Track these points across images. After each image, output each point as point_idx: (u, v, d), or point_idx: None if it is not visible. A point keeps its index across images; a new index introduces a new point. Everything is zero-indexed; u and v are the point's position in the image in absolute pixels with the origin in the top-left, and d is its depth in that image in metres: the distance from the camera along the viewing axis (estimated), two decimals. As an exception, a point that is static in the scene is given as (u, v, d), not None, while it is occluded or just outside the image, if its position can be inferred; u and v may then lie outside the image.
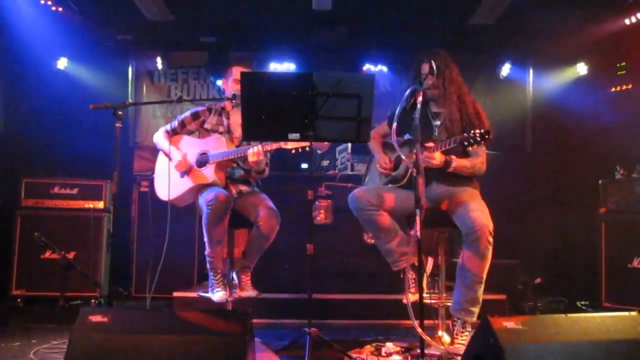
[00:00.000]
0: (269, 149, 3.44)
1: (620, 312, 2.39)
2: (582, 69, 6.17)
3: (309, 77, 2.82)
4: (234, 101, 3.65)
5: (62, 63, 6.01)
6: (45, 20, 5.41)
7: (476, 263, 3.06)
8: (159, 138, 3.78)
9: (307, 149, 2.96)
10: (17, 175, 5.01)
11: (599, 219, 4.72)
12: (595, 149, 5.66)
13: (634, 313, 2.36)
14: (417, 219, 2.79)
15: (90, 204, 4.96)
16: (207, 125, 3.77)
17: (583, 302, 5.17)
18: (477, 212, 3.09)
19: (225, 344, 2.22)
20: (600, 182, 4.80)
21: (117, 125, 3.20)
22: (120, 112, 3.16)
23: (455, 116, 3.32)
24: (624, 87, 5.71)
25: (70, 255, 4.71)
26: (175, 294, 4.43)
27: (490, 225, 3.05)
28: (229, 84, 3.75)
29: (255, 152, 3.42)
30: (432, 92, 3.34)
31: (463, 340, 3.08)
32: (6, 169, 5.15)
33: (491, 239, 3.04)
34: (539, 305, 5.09)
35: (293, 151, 3.20)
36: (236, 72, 3.64)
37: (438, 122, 3.40)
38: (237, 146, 3.63)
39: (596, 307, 4.75)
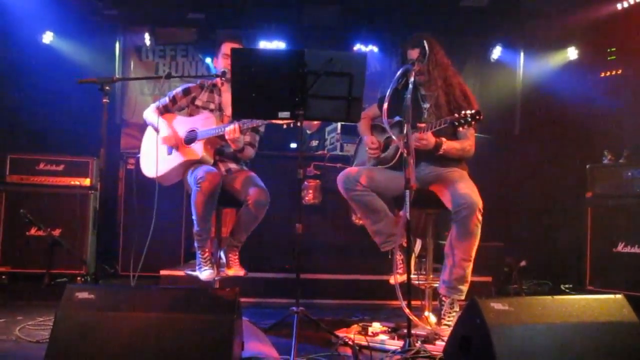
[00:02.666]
0: (247, 127, 3.41)
1: (605, 295, 2.41)
2: (572, 53, 6.16)
3: (300, 55, 2.78)
4: (222, 78, 3.62)
5: (48, 37, 5.90)
6: (31, -8, 5.31)
7: (465, 241, 3.08)
8: (149, 114, 3.73)
9: (298, 124, 2.93)
10: (2, 150, 4.92)
11: (586, 204, 4.74)
12: (584, 133, 5.68)
13: (618, 296, 2.38)
14: (407, 199, 2.80)
15: (76, 181, 4.90)
16: (197, 102, 3.74)
17: (567, 286, 5.22)
18: (467, 190, 3.11)
19: (212, 322, 2.21)
20: (587, 166, 4.82)
21: (104, 100, 3.15)
22: (107, 87, 3.12)
23: (441, 100, 3.31)
24: (614, 72, 5.71)
25: (56, 233, 4.66)
26: (162, 272, 4.40)
27: (479, 203, 3.06)
28: (219, 60, 3.71)
29: (231, 129, 3.40)
30: (419, 77, 3.32)
31: (450, 320, 3.10)
32: (-9, 144, 5.08)
33: (480, 217, 3.06)
34: (523, 287, 5.13)
35: (284, 126, 3.18)
36: (225, 47, 3.61)
37: (427, 105, 3.40)
38: (226, 124, 3.60)
39: (580, 290, 4.79)
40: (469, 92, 3.39)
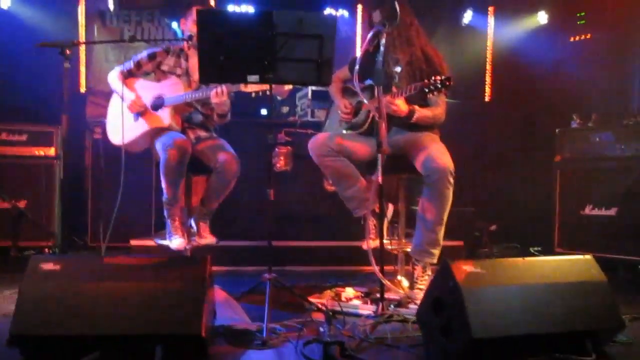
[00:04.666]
0: (233, 89, 3.34)
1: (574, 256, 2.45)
2: (542, 17, 6.16)
3: (268, 17, 2.69)
4: (190, 42, 3.52)
5: (6, 2, 5.65)
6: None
7: (437, 204, 3.08)
8: (113, 78, 3.62)
9: (267, 92, 2.87)
10: (-39, 121, 4.75)
11: (554, 167, 4.79)
12: (553, 98, 5.71)
13: (587, 256, 2.41)
14: (379, 164, 2.78)
15: (40, 151, 4.76)
16: (164, 67, 3.63)
17: (536, 248, 5.31)
18: (438, 153, 3.10)
19: (183, 290, 2.17)
20: (556, 130, 4.85)
21: (65, 65, 3.03)
22: (68, 52, 3.00)
23: (402, 62, 3.27)
24: (583, 36, 5.74)
25: (22, 204, 4.53)
26: (133, 242, 4.35)
27: (451, 166, 3.06)
28: (188, 25, 3.59)
29: (219, 92, 3.32)
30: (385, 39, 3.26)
31: (423, 284, 3.13)
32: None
33: (452, 180, 3.06)
34: (494, 251, 5.20)
35: (253, 95, 3.11)
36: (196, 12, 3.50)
37: (399, 69, 3.34)
38: (196, 90, 3.51)
39: (548, 252, 4.87)
40: (432, 53, 3.33)
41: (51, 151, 4.78)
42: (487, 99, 6.52)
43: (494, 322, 2.09)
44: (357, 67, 2.83)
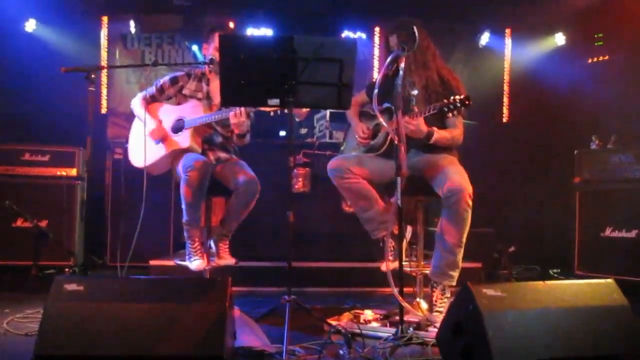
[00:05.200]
0: (251, 109, 3.39)
1: (595, 279, 2.42)
2: (560, 39, 6.18)
3: (289, 41, 2.74)
4: (210, 66, 3.58)
5: (31, 25, 5.80)
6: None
7: (456, 226, 3.07)
8: (136, 104, 3.69)
9: (286, 111, 2.90)
10: (-15, 141, 4.85)
11: (574, 189, 4.77)
12: (572, 119, 5.71)
13: (609, 280, 2.39)
14: (398, 186, 2.79)
15: (62, 171, 4.83)
16: (185, 91, 3.69)
17: (555, 270, 5.26)
18: (457, 175, 3.10)
19: (204, 312, 2.19)
20: (575, 152, 4.83)
21: (89, 89, 3.10)
22: (92, 76, 3.07)
23: (418, 86, 3.29)
24: (601, 58, 5.74)
25: (43, 224, 4.60)
26: (152, 262, 4.38)
27: (469, 188, 3.06)
28: (210, 50, 3.64)
29: (237, 112, 3.36)
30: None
31: (442, 307, 3.11)
32: (-26, 135, 5.00)
33: (470, 202, 3.05)
34: (513, 273, 5.16)
35: (272, 113, 3.15)
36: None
37: (416, 92, 3.36)
38: (215, 111, 3.56)
39: (568, 275, 4.83)
40: (449, 76, 3.35)
41: (73, 171, 4.85)
42: (504, 120, 6.53)
43: (515, 347, 2.07)
44: (376, 90, 2.86)
